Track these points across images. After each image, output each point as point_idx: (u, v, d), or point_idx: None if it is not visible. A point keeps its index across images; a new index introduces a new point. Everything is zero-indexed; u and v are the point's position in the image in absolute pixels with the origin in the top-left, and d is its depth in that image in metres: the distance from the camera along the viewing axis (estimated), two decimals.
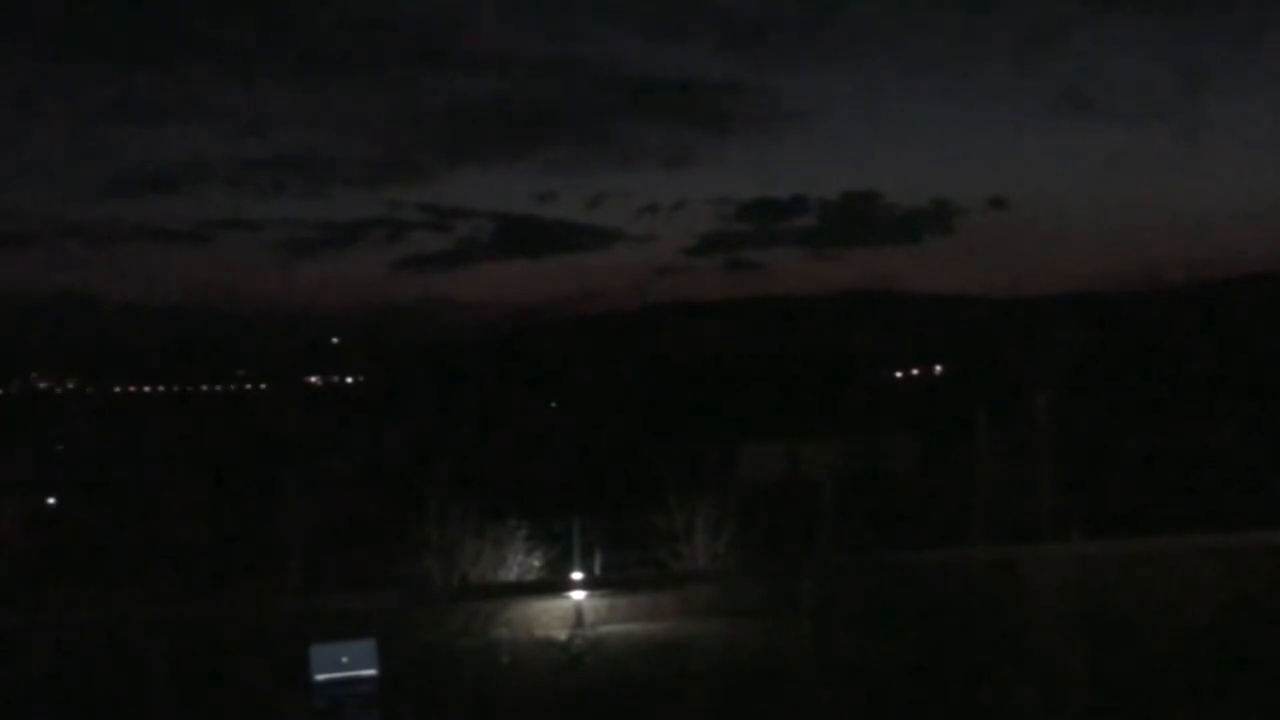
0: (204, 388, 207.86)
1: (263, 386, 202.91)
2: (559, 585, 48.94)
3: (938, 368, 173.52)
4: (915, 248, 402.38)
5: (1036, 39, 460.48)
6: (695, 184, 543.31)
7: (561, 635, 44.81)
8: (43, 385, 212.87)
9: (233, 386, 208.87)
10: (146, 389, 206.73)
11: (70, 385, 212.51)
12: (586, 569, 49.50)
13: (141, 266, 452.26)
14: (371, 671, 37.11)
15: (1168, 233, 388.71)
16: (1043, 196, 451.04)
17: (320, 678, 36.85)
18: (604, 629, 45.94)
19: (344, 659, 37.10)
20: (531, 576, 52.18)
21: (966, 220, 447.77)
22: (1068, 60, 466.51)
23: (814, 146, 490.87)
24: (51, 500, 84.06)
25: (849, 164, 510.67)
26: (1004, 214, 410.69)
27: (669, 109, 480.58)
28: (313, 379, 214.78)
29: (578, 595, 47.53)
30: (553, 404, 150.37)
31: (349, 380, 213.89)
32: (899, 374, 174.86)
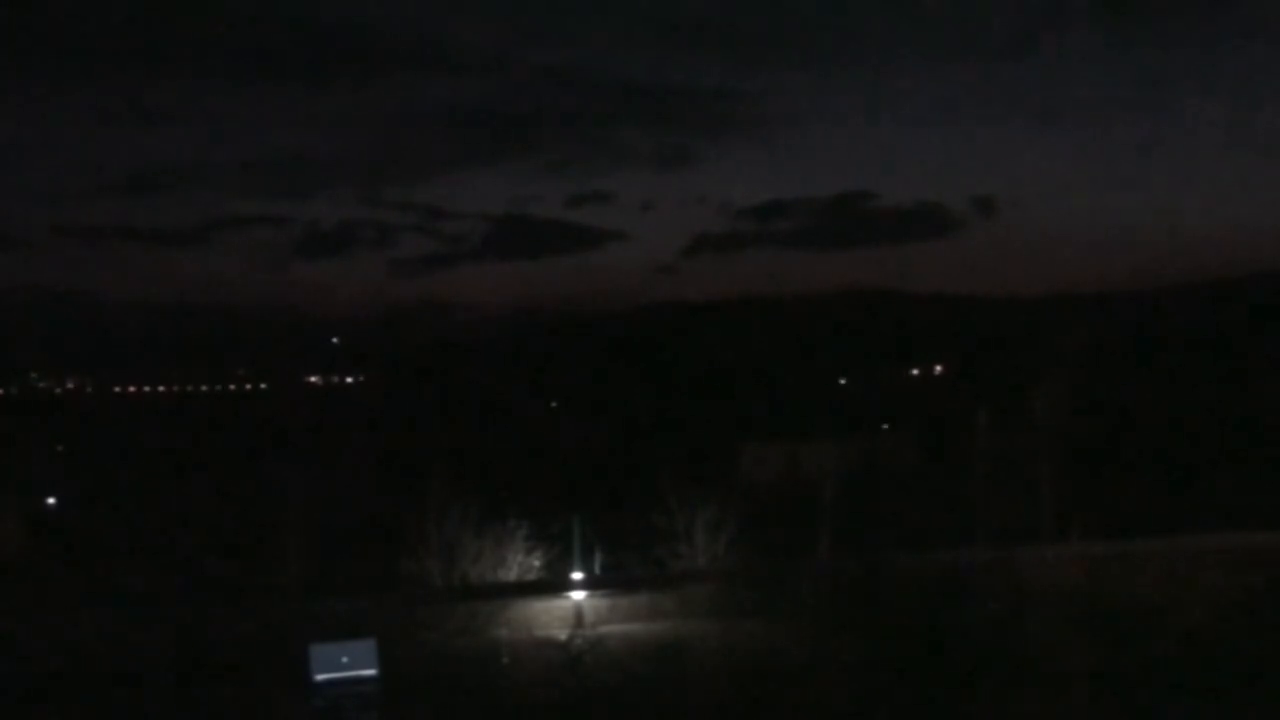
0: (204, 388, 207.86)
1: (263, 386, 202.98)
2: (559, 585, 48.93)
3: (938, 368, 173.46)
4: (912, 248, 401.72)
5: (1029, 41, 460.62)
6: (690, 186, 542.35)
7: (561, 635, 44.80)
8: (43, 385, 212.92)
9: (233, 386, 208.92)
10: (146, 389, 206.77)
11: (70, 385, 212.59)
12: (586, 569, 49.50)
13: (141, 266, 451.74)
14: (371, 671, 37.17)
15: (1159, 234, 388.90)
16: (1038, 198, 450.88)
17: (320, 678, 36.89)
18: (604, 629, 45.93)
19: (344, 659, 37.15)
20: (531, 576, 52.17)
21: (962, 221, 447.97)
22: (1060, 63, 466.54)
23: (808, 148, 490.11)
24: (51, 500, 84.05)
25: (844, 165, 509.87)
26: (999, 215, 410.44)
27: (663, 111, 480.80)
28: (313, 379, 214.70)
29: (578, 595, 47.53)
30: (553, 404, 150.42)
31: (349, 380, 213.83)
32: (899, 374, 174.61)
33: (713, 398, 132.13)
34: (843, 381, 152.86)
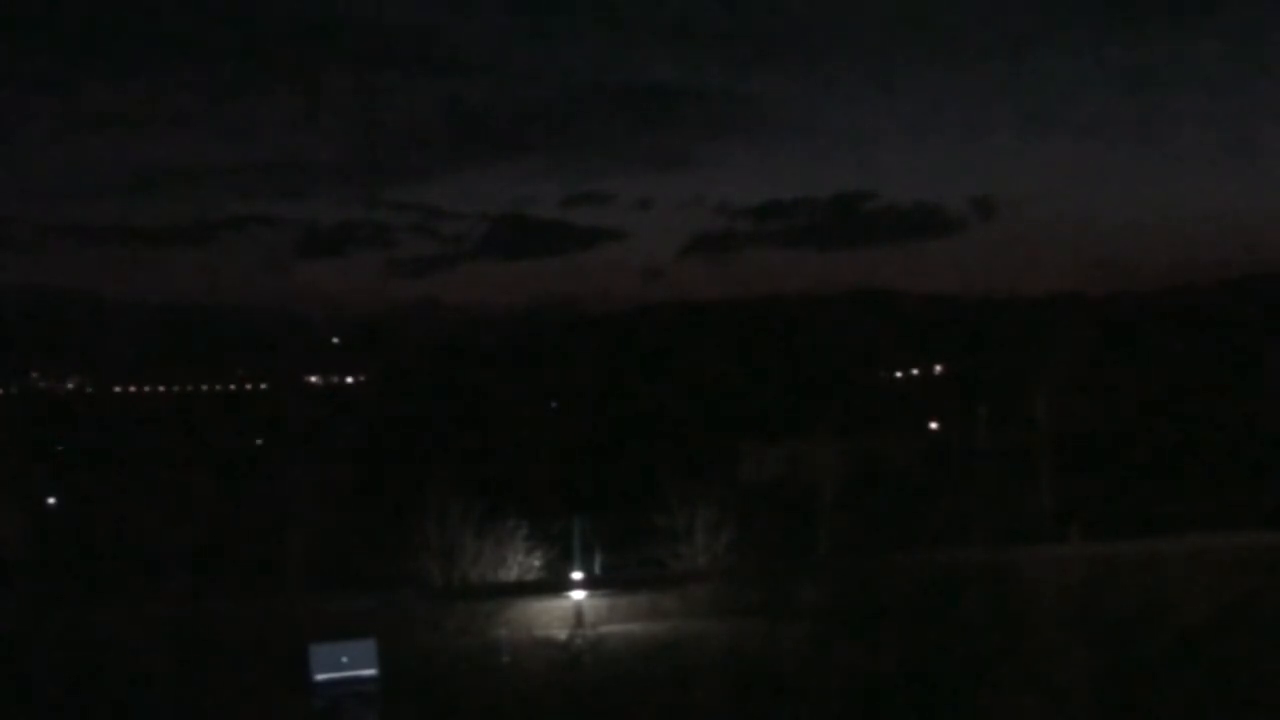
0: (204, 388, 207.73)
1: (263, 386, 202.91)
2: (559, 585, 48.94)
3: (938, 368, 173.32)
4: (911, 248, 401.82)
5: (1028, 41, 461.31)
6: (689, 186, 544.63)
7: (561, 635, 44.82)
8: (43, 385, 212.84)
9: (233, 386, 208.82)
10: (146, 389, 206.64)
11: (70, 385, 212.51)
12: (586, 569, 49.52)
13: (141, 266, 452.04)
14: (371, 671, 37.18)
15: (1159, 234, 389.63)
16: (1037, 198, 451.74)
17: (320, 678, 36.91)
18: (604, 629, 45.96)
19: (344, 659, 37.17)
20: (531, 576, 52.20)
21: (962, 221, 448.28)
22: (1059, 64, 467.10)
23: (807, 149, 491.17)
24: (51, 500, 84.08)
25: (843, 166, 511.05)
26: (999, 215, 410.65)
27: (662, 112, 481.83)
28: (313, 379, 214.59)
29: (578, 595, 47.53)
30: (553, 404, 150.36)
31: (349, 380, 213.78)
32: (899, 374, 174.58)
33: (713, 398, 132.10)
34: (843, 381, 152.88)
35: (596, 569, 50.95)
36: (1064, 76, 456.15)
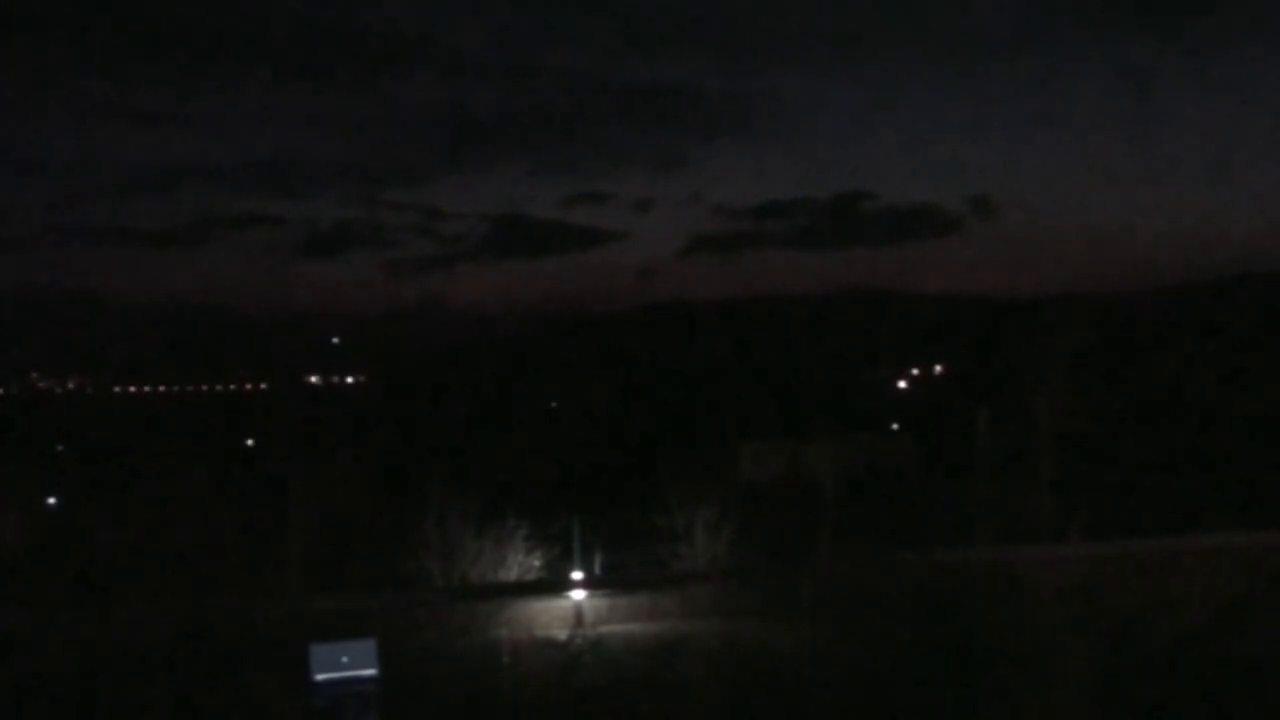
0: (204, 388, 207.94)
1: (263, 386, 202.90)
2: (559, 585, 48.93)
3: (938, 368, 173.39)
4: (911, 248, 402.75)
5: (1027, 41, 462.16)
6: (688, 186, 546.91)
7: (561, 635, 44.82)
8: (43, 385, 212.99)
9: (233, 386, 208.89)
10: (146, 389, 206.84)
11: (70, 385, 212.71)
12: (586, 569, 49.50)
13: (141, 266, 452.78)
14: (371, 671, 37.13)
15: (1158, 234, 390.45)
16: (1037, 198, 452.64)
17: (320, 677, 36.87)
18: (604, 629, 45.95)
19: (344, 659, 37.12)
20: (531, 576, 52.19)
21: (961, 221, 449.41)
22: (1058, 63, 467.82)
23: (807, 149, 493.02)
24: (51, 500, 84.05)
25: (842, 166, 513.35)
26: (998, 215, 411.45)
27: (661, 112, 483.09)
28: (313, 379, 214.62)
29: (578, 595, 47.52)
30: (553, 404, 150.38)
31: (349, 380, 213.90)
32: (899, 374, 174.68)
33: (713, 398, 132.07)
34: (843, 382, 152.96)
35: (596, 569, 50.92)
36: (1064, 76, 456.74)
